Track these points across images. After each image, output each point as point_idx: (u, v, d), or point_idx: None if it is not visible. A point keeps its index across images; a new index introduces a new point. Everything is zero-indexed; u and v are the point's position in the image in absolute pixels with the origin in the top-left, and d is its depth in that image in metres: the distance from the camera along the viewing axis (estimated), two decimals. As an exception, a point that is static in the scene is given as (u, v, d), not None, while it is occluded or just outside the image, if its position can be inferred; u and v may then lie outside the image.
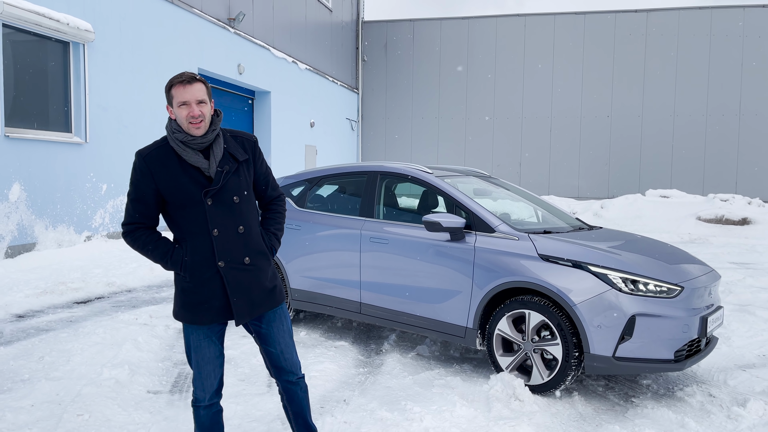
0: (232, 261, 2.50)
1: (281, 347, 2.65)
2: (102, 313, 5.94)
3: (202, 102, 2.44)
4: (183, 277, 2.52)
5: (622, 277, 3.81)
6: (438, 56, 21.81)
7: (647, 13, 20.29)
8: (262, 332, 2.65)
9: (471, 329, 4.29)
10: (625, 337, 3.73)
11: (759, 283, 8.07)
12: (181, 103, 2.42)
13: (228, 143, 2.54)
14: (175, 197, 2.46)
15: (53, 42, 8.83)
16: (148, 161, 2.47)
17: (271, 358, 2.67)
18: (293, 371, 2.69)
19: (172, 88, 2.44)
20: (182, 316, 2.55)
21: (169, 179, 2.45)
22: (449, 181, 4.89)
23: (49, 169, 8.67)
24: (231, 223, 2.50)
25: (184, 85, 2.42)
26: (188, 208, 2.46)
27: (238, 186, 2.52)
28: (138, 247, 2.53)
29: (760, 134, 19.68)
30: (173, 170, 2.45)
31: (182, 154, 2.45)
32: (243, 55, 13.94)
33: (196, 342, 2.57)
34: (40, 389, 3.83)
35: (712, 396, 4.05)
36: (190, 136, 2.44)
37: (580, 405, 3.90)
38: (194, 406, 2.65)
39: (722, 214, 14.85)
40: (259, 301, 2.57)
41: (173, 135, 2.46)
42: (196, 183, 2.45)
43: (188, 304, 2.52)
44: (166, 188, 2.46)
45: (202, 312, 2.51)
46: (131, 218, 2.53)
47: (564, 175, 20.91)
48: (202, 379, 2.59)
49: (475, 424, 3.48)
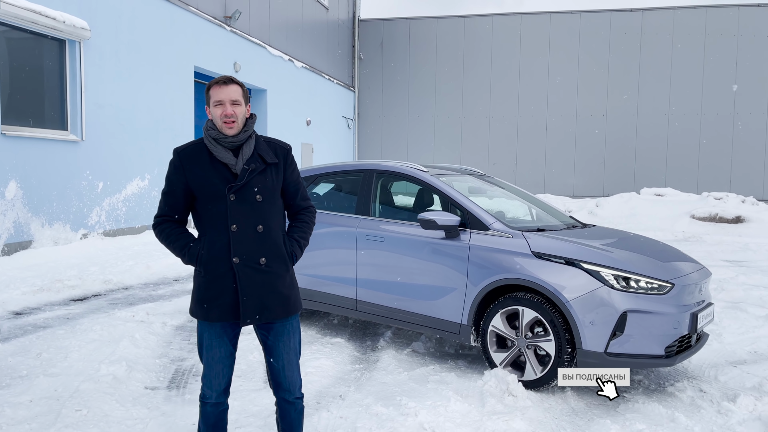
0: (248, 259, 2.52)
1: (283, 363, 2.65)
2: (99, 310, 5.96)
3: (236, 103, 2.52)
4: (199, 272, 2.57)
5: (614, 274, 3.87)
6: (434, 55, 21.84)
7: (642, 12, 20.37)
8: (268, 343, 2.65)
9: (465, 326, 4.34)
10: (616, 333, 3.79)
11: (751, 281, 8.15)
12: (217, 103, 2.51)
13: (259, 146, 2.61)
14: (202, 191, 2.54)
15: (49, 40, 8.83)
16: (181, 157, 2.58)
17: (272, 371, 2.68)
18: (290, 390, 2.67)
19: (210, 88, 2.55)
20: (195, 312, 2.60)
21: (198, 174, 2.53)
22: (444, 180, 4.93)
23: (46, 167, 8.69)
24: (251, 221, 2.53)
25: (220, 86, 2.52)
26: (212, 203, 2.52)
27: (263, 186, 2.55)
28: (162, 238, 2.62)
29: (754, 133, 19.79)
30: (203, 165, 2.54)
31: (213, 150, 2.53)
32: (239, 53, 13.95)
33: (208, 340, 2.60)
34: (39, 385, 3.86)
35: (702, 391, 4.11)
36: (222, 135, 2.52)
37: (572, 400, 3.96)
38: (201, 401, 2.68)
39: (716, 213, 14.94)
40: (270, 306, 2.57)
41: (207, 132, 2.56)
42: (222, 178, 2.52)
43: (201, 300, 2.56)
44: (195, 182, 2.54)
45: (213, 308, 2.54)
46: (161, 211, 2.64)
47: (559, 173, 20.99)
48: (210, 378, 2.63)
49: (469, 419, 3.53)
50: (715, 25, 19.89)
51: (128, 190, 10.37)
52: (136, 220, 10.61)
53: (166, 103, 11.39)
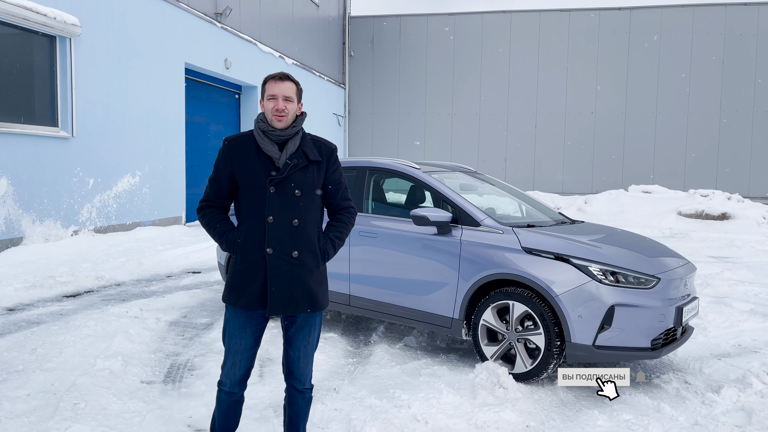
0: (281, 251, 2.58)
1: (299, 355, 2.72)
2: (92, 306, 5.99)
3: (289, 99, 2.61)
4: (235, 260, 2.65)
5: (602, 269, 3.96)
6: (424, 52, 21.91)
7: (630, 10, 20.54)
8: (288, 333, 2.73)
9: (457, 320, 4.42)
10: (604, 327, 3.88)
11: (736, 276, 8.30)
12: (270, 96, 2.60)
13: (305, 143, 2.68)
14: (245, 181, 2.62)
15: (40, 36, 8.80)
16: (231, 146, 2.67)
17: (287, 360, 2.75)
18: (301, 380, 2.74)
19: (266, 82, 2.65)
20: (226, 297, 2.67)
21: (243, 163, 2.62)
22: (436, 177, 5.01)
23: (36, 164, 8.67)
24: (287, 214, 2.59)
25: (276, 81, 2.61)
26: (253, 193, 2.60)
27: (303, 181, 2.62)
28: (204, 222, 2.72)
29: (740, 131, 20.04)
30: (249, 156, 2.63)
31: (260, 141, 2.62)
32: (230, 49, 13.94)
33: (231, 329, 2.68)
34: (35, 380, 3.90)
35: (687, 383, 4.22)
36: (271, 127, 2.60)
37: (561, 392, 4.05)
38: (218, 386, 2.77)
39: (702, 209, 15.14)
40: (297, 299, 2.61)
41: (257, 124, 2.65)
42: (265, 170, 2.60)
43: (232, 286, 2.65)
44: (239, 171, 2.63)
45: (243, 295, 2.61)
46: (206, 196, 2.75)
47: (549, 170, 21.15)
48: (227, 366, 2.70)
49: (461, 410, 3.61)
50: (702, 24, 20.11)
51: (119, 187, 10.36)
52: (127, 217, 10.60)
53: (156, 100, 11.37)
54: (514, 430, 3.45)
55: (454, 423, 3.46)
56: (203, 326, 5.43)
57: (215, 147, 14.39)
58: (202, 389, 3.92)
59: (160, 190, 11.48)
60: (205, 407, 3.64)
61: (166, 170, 11.67)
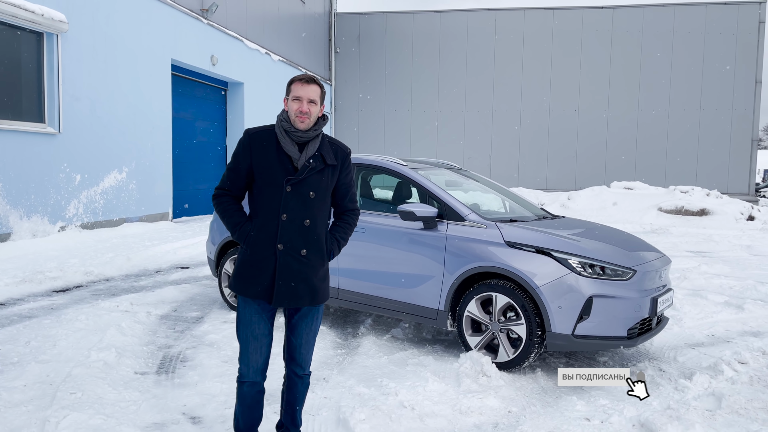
0: (291, 248, 2.69)
1: (301, 341, 2.84)
2: (82, 300, 6.06)
3: (313, 102, 2.69)
4: (245, 251, 2.75)
5: (581, 261, 4.13)
6: (410, 49, 22.05)
7: (613, 9, 20.84)
8: (292, 321, 2.84)
9: (442, 311, 4.57)
10: (583, 317, 4.05)
11: (713, 270, 8.54)
12: (295, 98, 2.69)
13: (323, 146, 2.77)
14: (263, 176, 2.71)
15: (27, 32, 8.81)
16: (252, 139, 2.74)
17: (289, 346, 2.85)
18: (302, 365, 2.86)
19: (293, 83, 2.72)
20: (234, 286, 2.76)
21: (263, 158, 2.70)
22: (423, 173, 5.14)
23: (23, 159, 8.68)
24: (300, 214, 2.69)
25: (302, 84, 2.70)
26: (269, 189, 2.69)
27: (318, 184, 2.72)
28: (220, 210, 2.80)
29: (719, 129, 20.45)
30: (270, 151, 2.71)
31: (281, 140, 2.71)
32: (216, 46, 13.97)
33: (247, 316, 2.76)
34: (31, 371, 3.99)
35: (662, 371, 4.41)
36: (293, 128, 2.69)
37: (542, 380, 4.22)
38: (239, 381, 2.83)
39: (682, 205, 15.46)
40: (301, 294, 2.73)
41: (280, 123, 2.73)
42: (284, 168, 2.69)
43: (242, 276, 2.73)
44: (259, 165, 2.71)
45: (252, 285, 2.71)
46: (223, 184, 2.82)
47: (533, 167, 21.42)
48: (248, 354, 2.77)
49: (446, 397, 3.76)
50: (683, 23, 20.47)
51: (106, 183, 10.39)
52: (114, 213, 10.63)
53: (143, 96, 11.40)
54: (496, 415, 3.61)
55: (440, 409, 3.61)
56: (194, 320, 5.53)
57: (202, 143, 14.43)
58: (195, 379, 4.03)
59: (147, 186, 11.51)
60: (199, 396, 3.76)
61: (152, 166, 11.70)
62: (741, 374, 4.23)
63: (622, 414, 3.51)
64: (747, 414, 3.59)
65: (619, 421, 3.43)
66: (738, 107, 20.31)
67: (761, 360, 4.58)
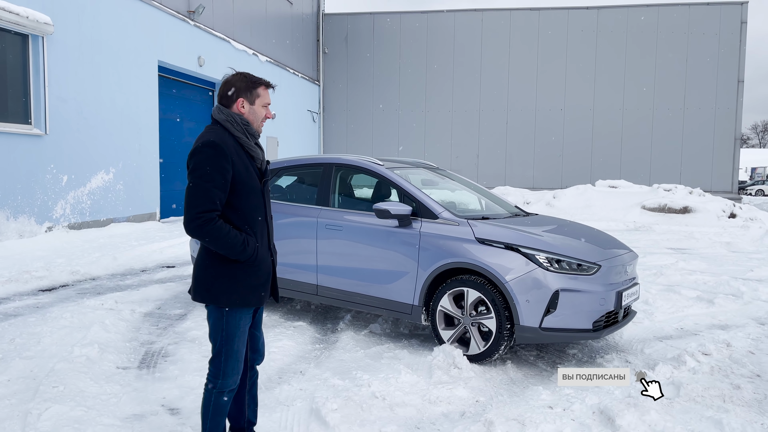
0: (273, 245, 2.86)
1: (261, 332, 2.97)
2: (68, 299, 6.16)
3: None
4: (247, 263, 2.64)
5: (547, 257, 4.29)
6: (398, 49, 22.20)
7: (598, 10, 21.08)
8: (255, 317, 2.88)
9: (417, 306, 4.72)
10: (550, 310, 4.21)
11: (690, 266, 8.73)
12: (266, 104, 2.76)
13: None
14: (244, 184, 2.63)
15: (12, 35, 8.88)
16: (227, 149, 2.57)
17: (253, 340, 2.91)
18: (262, 354, 3.00)
19: (260, 87, 2.73)
20: (239, 301, 2.64)
21: (241, 166, 2.63)
22: (399, 173, 5.29)
23: (9, 161, 8.76)
24: (269, 211, 2.83)
25: (269, 90, 2.77)
26: (251, 195, 2.67)
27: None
28: (218, 236, 2.53)
29: (703, 128, 20.73)
30: (242, 158, 2.65)
31: (247, 144, 2.69)
32: (203, 47, 14.06)
33: (244, 327, 2.71)
34: (15, 367, 4.10)
35: (628, 362, 4.58)
36: (256, 132, 2.75)
37: (511, 371, 4.38)
38: (219, 392, 2.71)
39: (665, 203, 15.69)
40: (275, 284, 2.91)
41: (245, 127, 2.68)
42: (255, 172, 2.72)
43: (247, 288, 2.66)
44: (240, 174, 2.61)
45: (261, 294, 2.73)
46: (212, 206, 2.53)
47: (519, 166, 21.62)
48: (238, 363, 2.72)
49: (417, 388, 3.91)
50: (667, 23, 20.73)
51: (93, 184, 10.47)
52: (101, 213, 10.71)
53: (130, 97, 11.48)
54: (464, 404, 3.76)
55: (410, 399, 3.76)
56: (177, 317, 5.65)
57: (189, 144, 14.50)
58: (175, 373, 4.16)
59: (134, 186, 11.60)
60: (178, 389, 3.88)
61: (140, 167, 11.79)
62: (703, 365, 4.40)
63: (584, 402, 3.66)
64: (703, 401, 3.76)
65: (580, 408, 3.59)
66: (721, 106, 20.60)
67: (724, 351, 4.76)
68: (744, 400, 3.82)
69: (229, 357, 2.68)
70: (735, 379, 4.16)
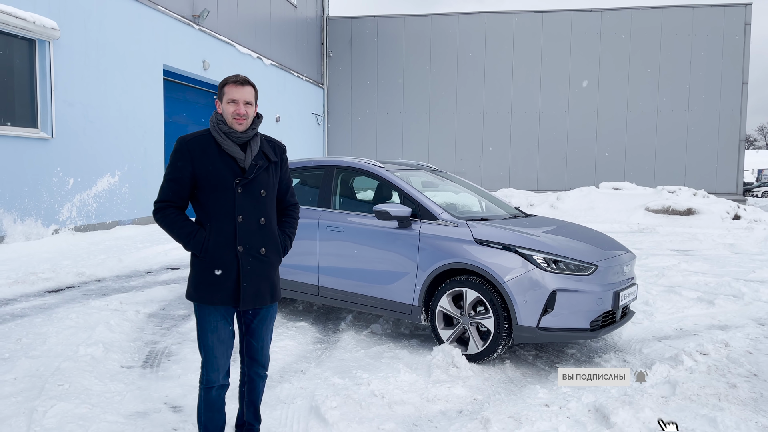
0: (251, 248, 2.74)
1: (262, 343, 2.91)
2: (73, 300, 6.25)
3: (249, 103, 2.74)
4: (202, 259, 2.73)
5: (544, 257, 4.34)
6: (402, 52, 22.29)
7: (601, 12, 21.11)
8: (252, 326, 2.88)
9: (416, 306, 4.78)
10: (547, 310, 4.26)
11: (692, 268, 8.74)
12: (231, 101, 2.71)
13: (263, 144, 2.84)
14: (209, 180, 2.70)
15: (19, 39, 9.00)
16: (190, 146, 2.72)
17: (250, 350, 2.90)
18: (264, 366, 2.95)
19: (225, 85, 2.74)
20: (196, 296, 2.74)
21: (206, 163, 2.70)
22: (399, 175, 5.35)
23: (17, 164, 8.87)
24: (255, 214, 2.75)
25: (237, 86, 2.73)
26: (218, 192, 2.70)
27: (266, 181, 2.79)
28: (166, 223, 2.74)
29: (707, 129, 20.71)
30: (211, 156, 2.71)
31: (222, 143, 2.72)
32: (208, 51, 14.18)
33: (213, 323, 2.75)
34: (21, 366, 4.18)
35: (626, 361, 4.62)
36: (231, 129, 2.73)
37: (510, 370, 4.43)
38: (206, 388, 2.80)
39: (669, 205, 15.70)
40: (263, 293, 2.79)
41: (218, 126, 2.74)
42: (230, 170, 2.71)
43: (203, 284, 2.72)
44: (202, 171, 2.70)
45: (215, 292, 2.71)
46: (165, 196, 2.75)
47: (523, 168, 21.66)
48: (215, 359, 2.76)
49: (416, 387, 3.97)
50: (671, 26, 20.74)
51: (99, 186, 10.58)
52: (107, 216, 10.82)
53: (135, 101, 11.60)
54: (462, 402, 3.81)
55: (408, 397, 3.81)
56: (181, 317, 5.73)
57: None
58: (178, 372, 4.23)
59: (139, 189, 11.70)
60: (181, 388, 3.95)
61: (145, 170, 11.90)
62: (700, 364, 4.44)
63: (580, 400, 3.71)
64: (699, 400, 3.80)
65: (576, 406, 3.64)
66: (725, 108, 20.58)
67: (722, 351, 4.79)
68: (740, 398, 3.86)
69: (204, 352, 2.79)
70: (732, 378, 4.19)
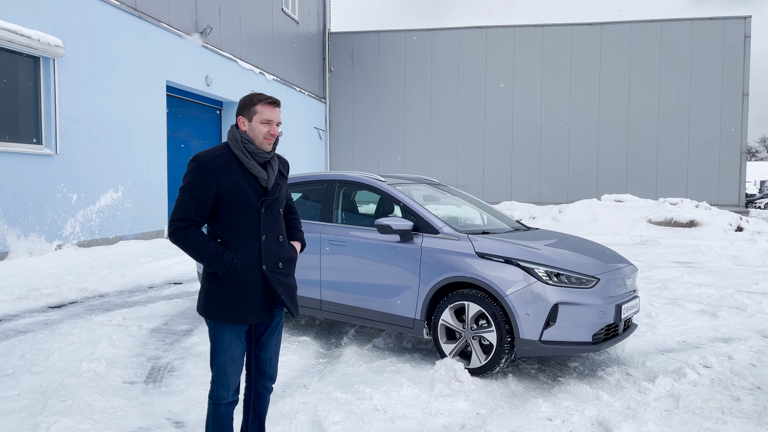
0: (272, 265, 2.75)
1: (270, 355, 2.88)
2: (77, 316, 6.26)
3: (279, 124, 2.75)
4: (226, 279, 2.68)
5: (546, 270, 4.35)
6: (403, 67, 22.43)
7: (601, 26, 21.25)
8: (262, 339, 2.85)
9: (418, 320, 4.78)
10: (549, 323, 4.26)
11: (695, 280, 8.73)
12: (266, 121, 2.70)
13: (277, 162, 2.85)
14: (234, 200, 2.66)
15: (24, 57, 9.10)
16: (214, 164, 2.65)
17: (258, 362, 2.88)
18: (272, 378, 2.93)
19: (258, 104, 2.71)
20: (216, 315, 2.70)
21: (231, 182, 2.65)
22: (401, 189, 5.38)
23: (21, 180, 8.93)
24: (275, 231, 2.77)
25: (270, 106, 2.72)
26: (243, 212, 2.67)
27: (282, 199, 2.84)
28: (187, 244, 2.64)
29: (708, 141, 20.76)
30: (236, 175, 2.67)
31: (246, 162, 2.69)
32: (211, 67, 14.30)
33: (228, 342, 2.73)
34: (24, 382, 4.19)
35: (629, 374, 4.61)
36: (259, 150, 2.71)
37: (512, 384, 4.42)
38: (215, 404, 2.78)
39: (671, 217, 15.69)
40: (293, 297, 2.84)
41: (244, 145, 2.69)
42: (254, 190, 2.69)
43: (226, 303, 2.68)
44: (227, 190, 2.64)
45: (245, 311, 2.70)
46: (186, 215, 2.64)
47: (525, 181, 21.70)
48: (228, 377, 2.74)
49: (419, 401, 3.96)
50: (671, 39, 20.86)
51: (102, 202, 10.63)
52: (110, 231, 10.86)
53: (139, 117, 11.68)
54: (464, 416, 3.80)
55: (411, 411, 3.81)
56: (183, 332, 5.73)
57: (197, 162, 14.68)
58: (180, 387, 4.23)
59: (142, 204, 11.76)
60: (184, 403, 3.95)
61: (148, 185, 11.96)
62: (703, 377, 4.43)
63: (583, 414, 3.70)
64: (702, 413, 3.79)
65: (579, 420, 3.63)
66: (726, 120, 20.64)
67: (726, 364, 4.78)
68: (743, 411, 3.85)
69: (217, 369, 2.76)
70: (735, 391, 4.18)
